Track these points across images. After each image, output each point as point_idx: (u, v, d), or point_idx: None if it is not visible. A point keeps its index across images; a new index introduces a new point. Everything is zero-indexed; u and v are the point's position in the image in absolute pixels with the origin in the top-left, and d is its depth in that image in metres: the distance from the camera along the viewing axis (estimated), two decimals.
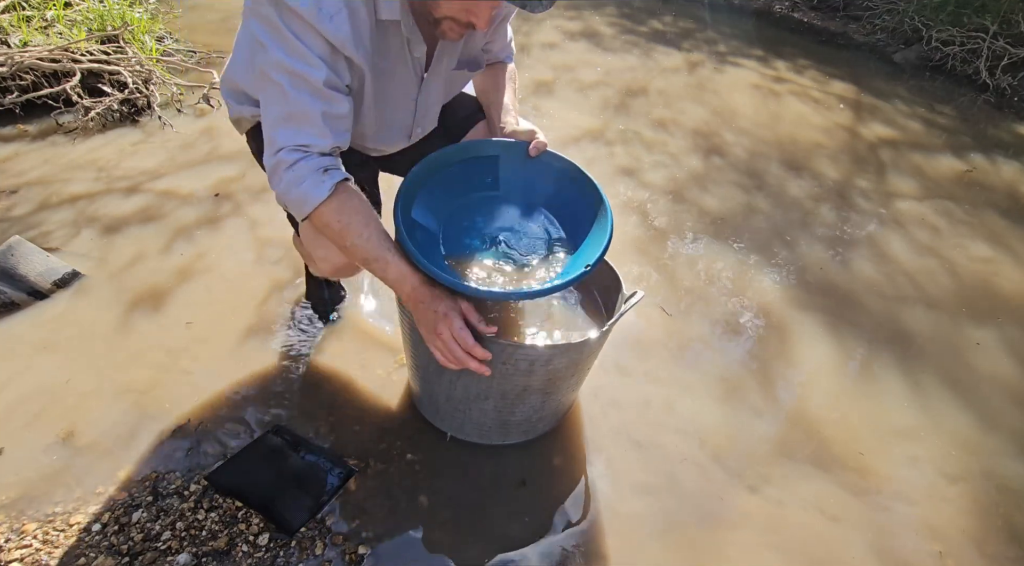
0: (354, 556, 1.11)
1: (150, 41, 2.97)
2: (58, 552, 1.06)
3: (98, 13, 2.90)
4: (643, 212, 2.30)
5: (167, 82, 2.73)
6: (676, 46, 4.18)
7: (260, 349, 1.51)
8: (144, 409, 1.33)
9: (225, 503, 1.16)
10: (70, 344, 1.47)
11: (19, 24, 2.71)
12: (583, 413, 1.46)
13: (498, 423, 1.29)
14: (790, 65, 4.00)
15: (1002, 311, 2.01)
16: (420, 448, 1.32)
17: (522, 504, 1.24)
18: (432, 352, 1.02)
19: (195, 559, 1.07)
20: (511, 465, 1.32)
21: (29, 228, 1.83)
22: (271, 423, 1.33)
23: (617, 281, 1.27)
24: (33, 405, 1.31)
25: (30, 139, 2.31)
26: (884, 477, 1.40)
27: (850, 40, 4.78)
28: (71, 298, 1.60)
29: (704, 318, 1.80)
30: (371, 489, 1.23)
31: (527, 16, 4.59)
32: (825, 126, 3.24)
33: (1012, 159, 3.13)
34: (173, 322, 1.56)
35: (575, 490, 1.28)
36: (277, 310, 1.63)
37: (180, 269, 1.74)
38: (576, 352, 1.14)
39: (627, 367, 1.60)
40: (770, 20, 5.14)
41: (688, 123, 3.07)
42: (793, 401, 1.58)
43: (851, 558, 1.23)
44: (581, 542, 1.19)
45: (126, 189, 2.07)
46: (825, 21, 5.13)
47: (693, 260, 2.06)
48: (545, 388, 1.20)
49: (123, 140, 2.37)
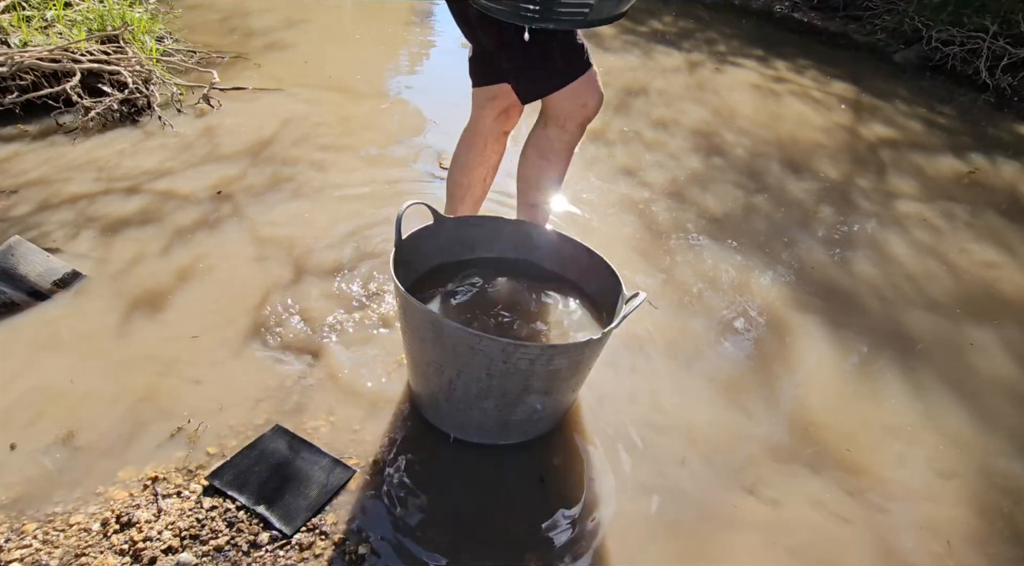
0: (354, 556, 1.11)
1: (150, 41, 2.97)
2: (58, 552, 1.06)
3: (98, 13, 2.90)
4: (643, 212, 2.30)
5: (167, 82, 2.73)
6: (676, 46, 4.18)
7: (260, 349, 1.51)
8: (144, 409, 1.33)
9: (225, 503, 1.16)
10: (70, 344, 1.47)
11: (19, 24, 2.71)
12: (584, 413, 1.46)
13: (498, 423, 1.29)
14: (790, 65, 4.00)
15: (1004, 312, 2.01)
16: (420, 448, 1.32)
17: (522, 504, 1.24)
18: None
19: (195, 559, 1.07)
20: (511, 465, 1.32)
21: (29, 228, 1.83)
22: (271, 423, 1.33)
23: (618, 282, 1.27)
24: (33, 405, 1.31)
25: (30, 139, 2.31)
26: (883, 478, 1.40)
27: (850, 40, 4.78)
28: (71, 298, 1.60)
29: (704, 318, 1.80)
30: (371, 489, 1.23)
31: None
32: (825, 126, 3.24)
33: (1012, 159, 3.13)
34: (173, 322, 1.56)
35: (575, 490, 1.28)
36: (277, 310, 1.63)
37: (180, 269, 1.74)
38: (577, 352, 1.14)
39: (627, 367, 1.60)
40: (770, 20, 5.14)
41: (688, 123, 3.07)
42: (792, 401, 1.58)
43: (855, 560, 1.23)
44: (582, 542, 1.19)
45: (126, 189, 2.07)
46: (825, 21, 5.13)
47: (693, 260, 2.06)
48: (546, 388, 1.20)
49: (123, 140, 2.37)
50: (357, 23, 4.27)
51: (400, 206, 1.25)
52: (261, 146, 2.43)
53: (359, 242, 1.93)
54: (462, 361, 1.15)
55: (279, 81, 3.01)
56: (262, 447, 1.27)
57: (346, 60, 3.46)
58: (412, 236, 1.32)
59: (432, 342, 1.16)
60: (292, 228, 1.96)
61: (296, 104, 2.82)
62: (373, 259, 1.85)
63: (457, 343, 1.11)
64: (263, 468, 1.23)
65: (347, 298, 1.70)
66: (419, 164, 2.45)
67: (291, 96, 2.89)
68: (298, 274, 1.76)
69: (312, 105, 2.83)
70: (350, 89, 3.08)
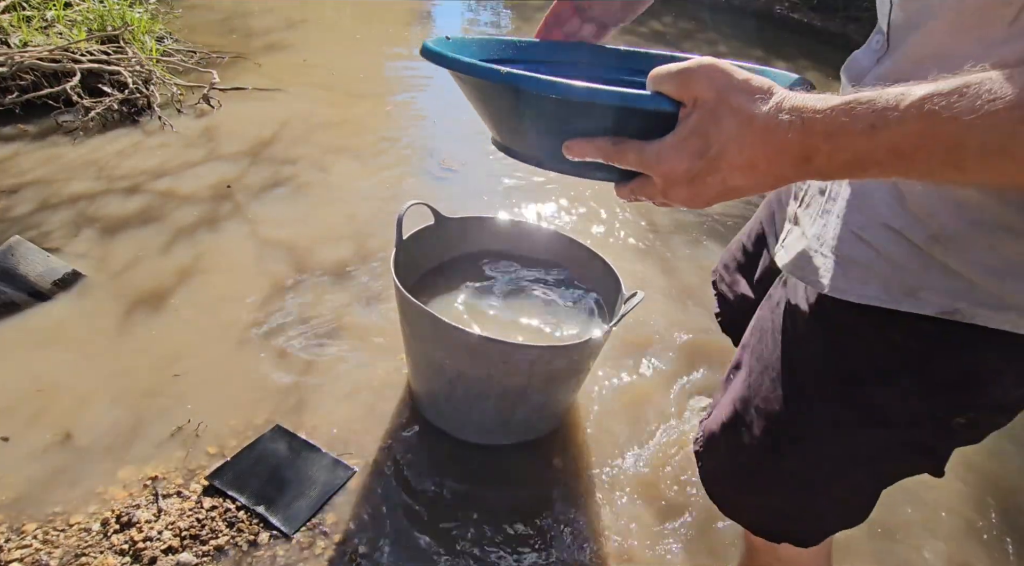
0: (354, 556, 1.11)
1: (150, 41, 2.97)
2: (58, 552, 1.06)
3: (98, 13, 2.90)
4: (644, 212, 2.30)
5: (167, 82, 2.73)
6: (676, 47, 4.18)
7: (260, 349, 1.51)
8: (144, 409, 1.33)
9: (225, 503, 1.16)
10: (70, 344, 1.47)
11: (19, 24, 2.71)
12: (583, 412, 1.46)
13: (498, 423, 1.29)
14: (790, 66, 4.00)
15: None
16: (420, 448, 1.32)
17: (522, 504, 1.24)
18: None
19: (196, 559, 1.07)
20: (511, 465, 1.32)
21: (29, 228, 1.83)
22: (271, 423, 1.33)
23: (617, 282, 1.27)
24: (33, 405, 1.31)
25: (30, 139, 2.31)
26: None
27: (850, 41, 4.78)
28: (71, 298, 1.60)
29: (705, 317, 1.80)
30: (371, 489, 1.23)
31: (528, 16, 4.59)
32: None
33: None
34: (173, 322, 1.56)
35: (576, 490, 1.28)
36: (277, 310, 1.63)
37: (180, 269, 1.74)
38: (577, 352, 1.14)
39: (627, 366, 1.60)
40: (770, 21, 5.14)
41: None
42: None
43: (856, 560, 1.23)
44: (583, 542, 1.19)
45: (126, 189, 2.07)
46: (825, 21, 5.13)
47: (694, 260, 2.06)
48: (545, 388, 1.20)
49: (123, 140, 2.37)
50: (357, 23, 4.27)
51: (401, 206, 1.25)
52: (261, 146, 2.43)
53: (359, 242, 1.93)
54: (462, 362, 1.15)
55: (279, 81, 3.01)
56: (262, 447, 1.27)
57: (346, 60, 3.46)
58: (413, 236, 1.32)
59: (432, 343, 1.16)
60: (292, 228, 1.96)
61: (296, 104, 2.82)
62: (373, 259, 1.85)
63: (457, 344, 1.11)
64: (263, 468, 1.23)
65: (347, 298, 1.70)
66: (420, 164, 2.46)
67: (291, 96, 2.89)
68: (298, 274, 1.76)
69: (312, 105, 2.83)
70: (350, 89, 3.08)
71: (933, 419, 0.55)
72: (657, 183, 0.46)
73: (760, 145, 0.40)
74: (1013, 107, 0.33)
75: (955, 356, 0.52)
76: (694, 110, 0.42)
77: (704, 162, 0.42)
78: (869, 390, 0.57)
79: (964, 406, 0.54)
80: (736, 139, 0.41)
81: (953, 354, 0.52)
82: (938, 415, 0.55)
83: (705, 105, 0.42)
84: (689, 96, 0.42)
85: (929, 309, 0.50)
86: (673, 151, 0.43)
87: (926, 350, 0.52)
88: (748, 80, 0.41)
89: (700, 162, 0.42)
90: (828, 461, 0.62)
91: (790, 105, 0.39)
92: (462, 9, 4.84)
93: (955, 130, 0.34)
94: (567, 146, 0.48)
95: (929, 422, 0.56)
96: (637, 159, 0.45)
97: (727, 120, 0.41)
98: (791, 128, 0.39)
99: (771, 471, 0.65)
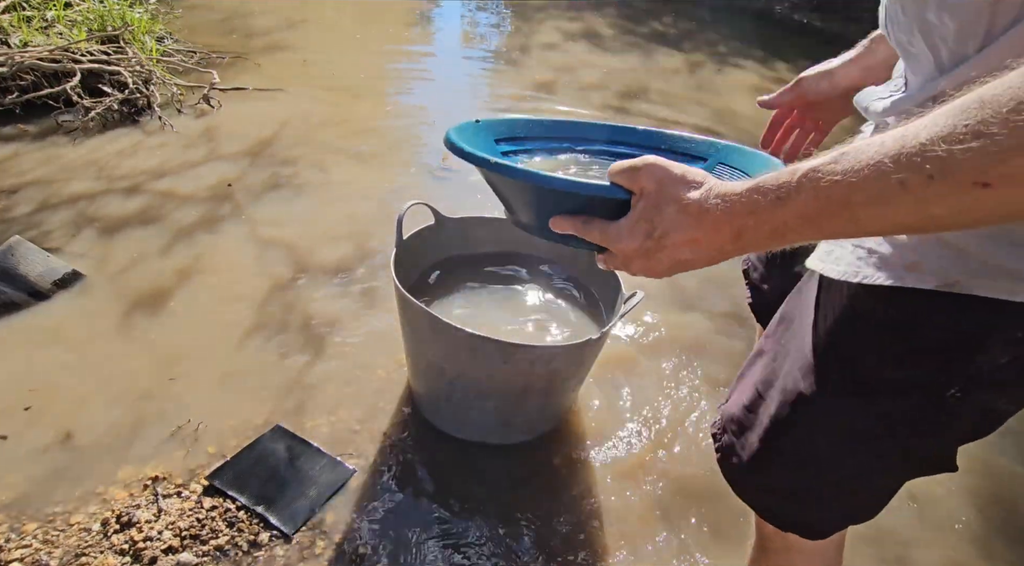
0: (354, 556, 1.11)
1: (150, 41, 2.97)
2: (58, 552, 1.06)
3: (98, 13, 2.90)
4: None
5: (167, 82, 2.73)
6: (677, 47, 4.18)
7: (260, 349, 1.51)
8: (144, 409, 1.33)
9: (225, 503, 1.16)
10: (70, 344, 1.47)
11: (19, 24, 2.71)
12: (583, 412, 1.46)
13: (498, 423, 1.29)
14: (791, 66, 4.00)
15: None
16: (420, 448, 1.32)
17: (522, 503, 1.24)
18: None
19: (196, 559, 1.07)
20: (511, 465, 1.32)
21: (29, 228, 1.83)
22: (271, 423, 1.33)
23: (617, 281, 1.27)
24: (33, 405, 1.31)
25: (30, 139, 2.31)
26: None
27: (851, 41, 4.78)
28: (71, 298, 1.60)
29: (705, 317, 1.80)
30: (371, 489, 1.23)
31: (528, 16, 4.59)
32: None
33: None
34: (173, 322, 1.56)
35: (576, 489, 1.28)
36: (277, 310, 1.63)
37: (180, 269, 1.74)
38: (576, 352, 1.14)
39: (627, 366, 1.60)
40: (770, 21, 5.14)
41: (689, 124, 3.07)
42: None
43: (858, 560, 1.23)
44: (583, 541, 1.19)
45: (126, 189, 2.07)
46: (825, 22, 5.13)
47: None
48: (545, 388, 1.20)
49: (123, 140, 2.37)
50: (357, 23, 4.27)
51: (401, 206, 1.25)
52: (261, 146, 2.43)
53: (359, 242, 1.93)
54: (462, 362, 1.15)
55: (279, 81, 3.01)
56: (262, 447, 1.27)
57: (346, 60, 3.46)
58: (413, 236, 1.32)
59: (432, 343, 1.16)
60: (292, 228, 1.96)
61: (296, 104, 2.82)
62: (373, 259, 1.85)
63: (457, 344, 1.11)
64: (263, 468, 1.23)
65: (347, 298, 1.70)
66: (420, 164, 2.45)
67: (291, 96, 2.89)
68: (298, 274, 1.76)
69: (312, 105, 2.83)
70: (350, 89, 3.08)
71: (924, 389, 0.57)
72: (618, 257, 0.55)
73: (696, 226, 0.48)
74: (877, 164, 0.38)
75: (941, 324, 0.54)
76: (641, 199, 0.51)
77: (652, 241, 0.51)
78: (870, 366, 0.60)
79: (954, 375, 0.55)
80: (675, 221, 0.49)
81: (939, 321, 0.54)
82: (927, 384, 0.56)
83: (649, 196, 0.51)
84: (637, 187, 0.51)
85: (930, 282, 0.53)
86: (627, 232, 0.52)
87: (911, 318, 0.55)
88: (684, 174, 0.50)
89: (649, 241, 0.51)
90: (824, 437, 0.64)
91: (717, 192, 0.48)
92: (462, 9, 4.84)
93: (841, 191, 0.40)
94: (552, 222, 0.57)
95: (920, 392, 0.57)
96: (601, 236, 0.54)
97: (667, 207, 0.50)
98: (718, 209, 0.47)
99: (787, 452, 0.67)
